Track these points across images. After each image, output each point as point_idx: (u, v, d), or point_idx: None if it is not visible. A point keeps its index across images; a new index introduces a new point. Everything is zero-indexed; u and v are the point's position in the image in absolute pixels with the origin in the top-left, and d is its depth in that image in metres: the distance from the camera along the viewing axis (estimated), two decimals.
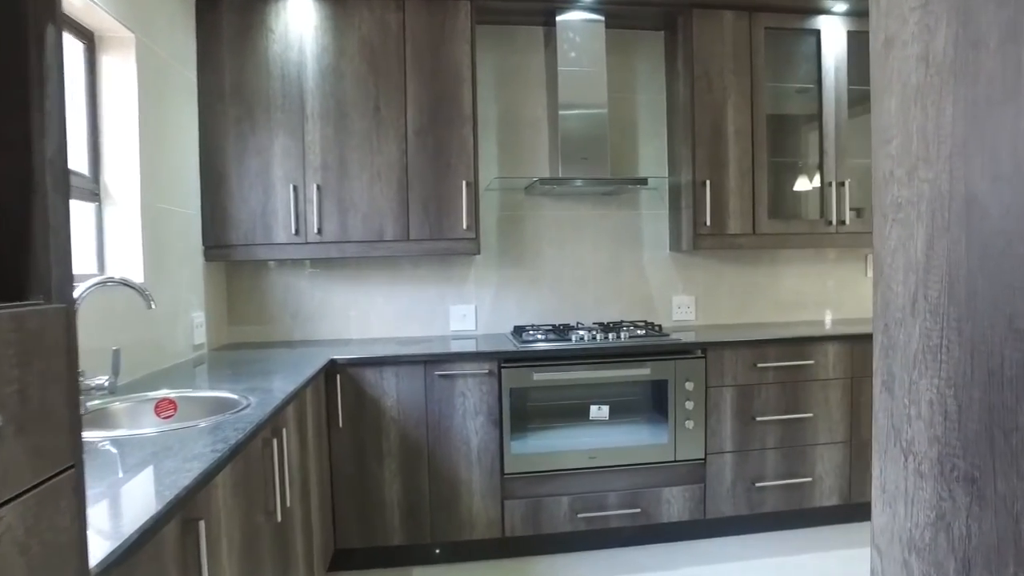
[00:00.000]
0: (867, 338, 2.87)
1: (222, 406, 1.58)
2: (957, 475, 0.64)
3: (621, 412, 2.65)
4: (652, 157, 3.21)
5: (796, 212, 3.16)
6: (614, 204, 3.18)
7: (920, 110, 0.67)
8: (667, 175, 3.19)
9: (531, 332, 2.80)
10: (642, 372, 2.62)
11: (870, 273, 3.50)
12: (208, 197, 2.64)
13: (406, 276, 3.06)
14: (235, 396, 1.64)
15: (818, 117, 3.05)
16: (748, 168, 2.96)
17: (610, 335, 2.70)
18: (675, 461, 2.68)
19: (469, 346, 2.69)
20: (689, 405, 2.67)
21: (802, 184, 3.16)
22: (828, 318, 3.44)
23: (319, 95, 2.67)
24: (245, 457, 1.32)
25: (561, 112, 2.85)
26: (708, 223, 2.92)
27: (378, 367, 2.48)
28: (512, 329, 3.07)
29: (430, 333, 3.07)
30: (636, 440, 2.64)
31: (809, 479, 2.81)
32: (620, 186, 2.89)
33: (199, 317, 2.58)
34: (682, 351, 2.68)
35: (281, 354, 2.56)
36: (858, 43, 3.07)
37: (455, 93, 2.72)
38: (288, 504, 1.60)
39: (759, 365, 2.75)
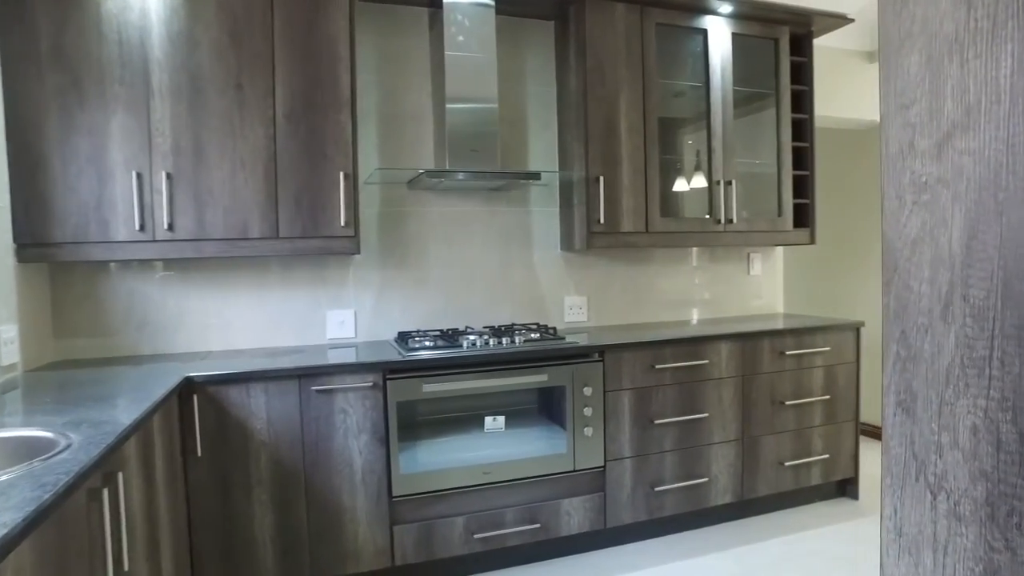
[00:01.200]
0: (757, 336, 2.91)
1: (29, 450, 1.22)
2: (1018, 521, 0.51)
3: (518, 422, 2.48)
4: (542, 152, 3.08)
5: (686, 211, 3.15)
6: (504, 200, 3.02)
7: (958, 65, 0.54)
8: (558, 170, 3.07)
9: (418, 339, 2.57)
10: (539, 379, 2.47)
11: (752, 271, 3.59)
12: (21, 185, 2.16)
13: (276, 279, 2.71)
14: (50, 434, 1.27)
15: (706, 116, 3.06)
16: (641, 165, 2.90)
17: (503, 340, 2.53)
18: (574, 471, 2.55)
19: (349, 356, 2.41)
20: (587, 411, 2.55)
21: (692, 182, 3.16)
22: (716, 316, 3.49)
23: (168, 67, 2.27)
24: (58, 521, 1.00)
25: (448, 101, 2.64)
26: (602, 221, 2.83)
27: (244, 384, 2.14)
28: (396, 336, 2.81)
29: (304, 342, 2.74)
30: (533, 451, 2.48)
31: (705, 479, 2.79)
32: (511, 181, 2.72)
33: (8, 331, 2.10)
34: (580, 355, 2.56)
35: (123, 373, 2.14)
36: (741, 46, 3.11)
37: (331, 74, 2.43)
38: (127, 568, 1.27)
39: (657, 367, 2.68)
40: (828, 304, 4.59)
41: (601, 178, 2.81)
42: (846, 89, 3.90)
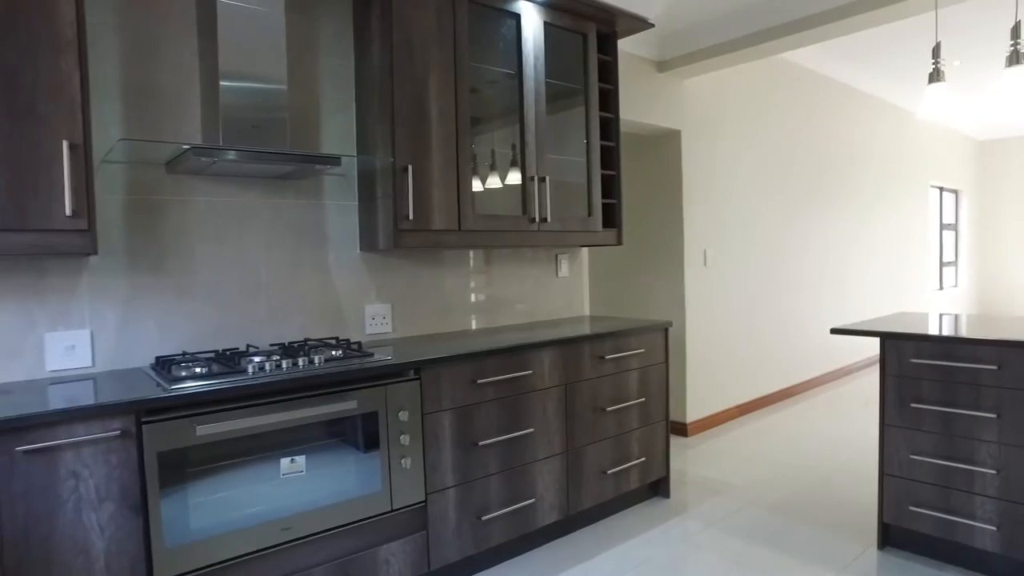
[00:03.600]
0: (578, 341, 2.76)
1: None
2: None
3: (322, 460, 2.01)
4: (338, 135, 2.62)
5: (499, 208, 2.91)
6: (292, 191, 2.51)
7: None
8: (358, 155, 2.64)
9: (185, 365, 1.98)
10: (346, 406, 2.03)
11: (561, 273, 3.48)
12: None
13: None
14: None
15: (519, 107, 2.85)
16: (453, 156, 2.60)
17: (299, 360, 2.05)
18: (392, 511, 2.15)
19: (83, 395, 1.75)
20: (405, 439, 2.17)
21: (506, 178, 2.93)
22: (528, 321, 3.30)
23: None
24: None
25: (222, 61, 2.08)
26: (411, 217, 2.46)
27: None
28: (154, 362, 2.17)
29: (8, 378, 1.98)
30: (343, 494, 2.04)
31: (532, 500, 2.57)
32: (303, 167, 2.23)
33: None
34: (393, 374, 2.17)
35: None
36: (554, 38, 2.96)
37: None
38: None
39: (479, 381, 2.39)
40: (623, 305, 4.71)
41: (410, 168, 2.45)
42: (639, 95, 3.99)
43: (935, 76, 2.71)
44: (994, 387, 2.33)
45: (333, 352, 2.21)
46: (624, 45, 3.89)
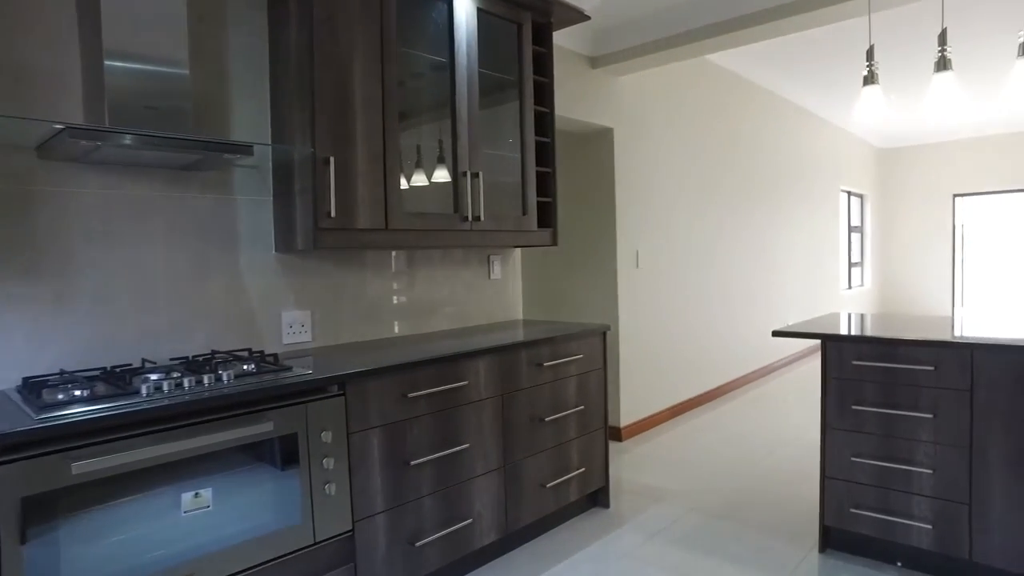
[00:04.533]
0: (515, 348, 2.59)
1: None
2: None
3: (233, 491, 1.75)
4: (249, 122, 2.35)
5: (429, 206, 2.71)
6: (198, 183, 2.22)
7: None
8: (272, 144, 2.37)
9: (62, 388, 1.67)
10: (261, 429, 1.78)
11: (493, 275, 3.30)
12: None
13: None
14: None
15: (451, 98, 2.65)
16: (379, 147, 2.37)
17: (205, 378, 1.78)
18: (315, 544, 1.91)
19: None
20: (328, 463, 1.93)
21: (435, 173, 2.73)
22: (460, 327, 3.11)
23: None
24: None
25: (107, 38, 1.78)
26: (333, 214, 2.22)
27: None
28: (20, 384, 1.84)
29: None
30: (258, 529, 1.78)
31: (469, 520, 2.38)
32: (209, 156, 1.95)
33: None
34: (315, 390, 1.93)
35: None
36: (487, 26, 2.78)
37: None
38: None
39: (410, 395, 2.18)
40: (555, 307, 4.59)
41: (332, 160, 2.21)
42: (572, 91, 3.87)
43: (869, 79, 2.72)
44: (931, 387, 2.33)
45: (245, 367, 1.94)
46: (558, 39, 3.76)
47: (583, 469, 2.92)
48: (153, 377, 1.75)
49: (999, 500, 2.23)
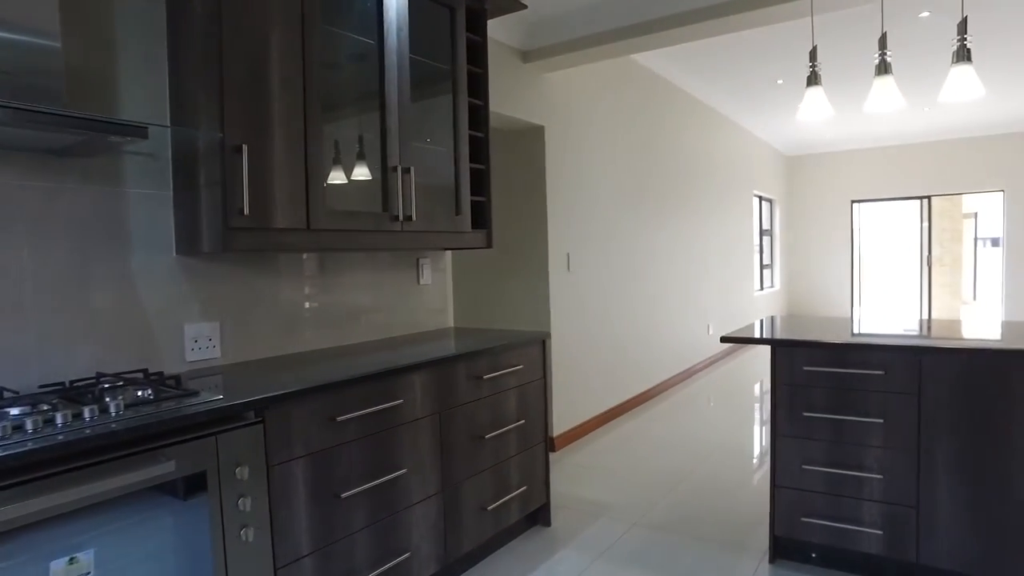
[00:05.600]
0: (453, 360, 2.36)
1: None
2: None
3: (123, 551, 1.43)
4: (141, 101, 2.00)
5: (355, 204, 2.43)
6: (77, 172, 1.85)
7: None
8: (170, 126, 2.03)
9: None
10: (159, 471, 1.46)
11: (423, 279, 3.05)
12: None
13: None
14: None
15: (379, 83, 2.39)
16: (300, 135, 2.08)
17: (86, 410, 1.44)
18: None
19: None
20: (245, 503, 1.64)
21: (361, 168, 2.46)
22: (387, 336, 2.84)
23: None
24: None
25: None
26: (247, 211, 1.92)
27: None
28: None
29: None
30: None
31: (407, 554, 2.13)
32: (92, 137, 1.61)
33: None
34: (226, 418, 1.63)
35: None
36: (419, 9, 2.54)
37: None
38: None
39: (339, 418, 1.91)
40: (485, 314, 4.38)
41: (245, 149, 1.91)
42: (504, 85, 3.68)
43: (812, 80, 2.68)
44: (881, 392, 2.29)
45: (139, 393, 1.62)
46: (490, 30, 3.55)
47: (524, 488, 2.73)
48: (13, 412, 1.41)
49: (945, 502, 2.21)
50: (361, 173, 2.45)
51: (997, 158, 8.85)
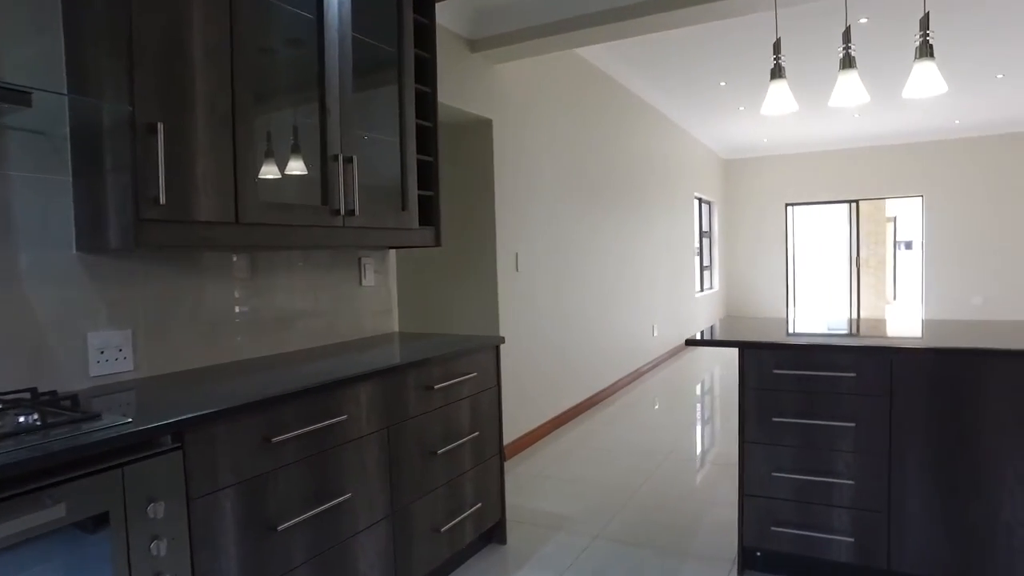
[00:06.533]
0: (403, 370, 2.14)
1: None
2: None
3: None
4: (28, 67, 1.69)
5: (290, 195, 2.18)
6: None
7: None
8: (67, 95, 1.73)
9: None
10: (45, 517, 1.19)
11: (366, 280, 2.81)
12: None
13: None
14: None
15: (318, 62, 2.15)
16: (227, 113, 1.82)
17: None
18: None
19: None
20: (159, 547, 1.37)
21: (297, 161, 2.20)
22: (327, 343, 2.58)
23: None
24: None
25: None
26: (163, 200, 1.65)
27: None
28: None
29: None
30: None
31: None
32: None
33: None
34: (136, 446, 1.36)
35: None
36: None
37: None
38: None
39: (274, 440, 1.66)
40: (430, 317, 4.15)
41: (161, 127, 1.63)
42: (450, 75, 3.47)
43: (776, 72, 2.59)
44: (852, 395, 2.21)
45: (22, 419, 1.33)
46: (437, 15, 3.34)
47: (479, 505, 2.52)
48: None
49: (915, 506, 2.15)
50: (298, 167, 2.20)
51: (918, 165, 9.25)
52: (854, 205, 10.09)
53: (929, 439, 2.12)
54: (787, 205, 10.09)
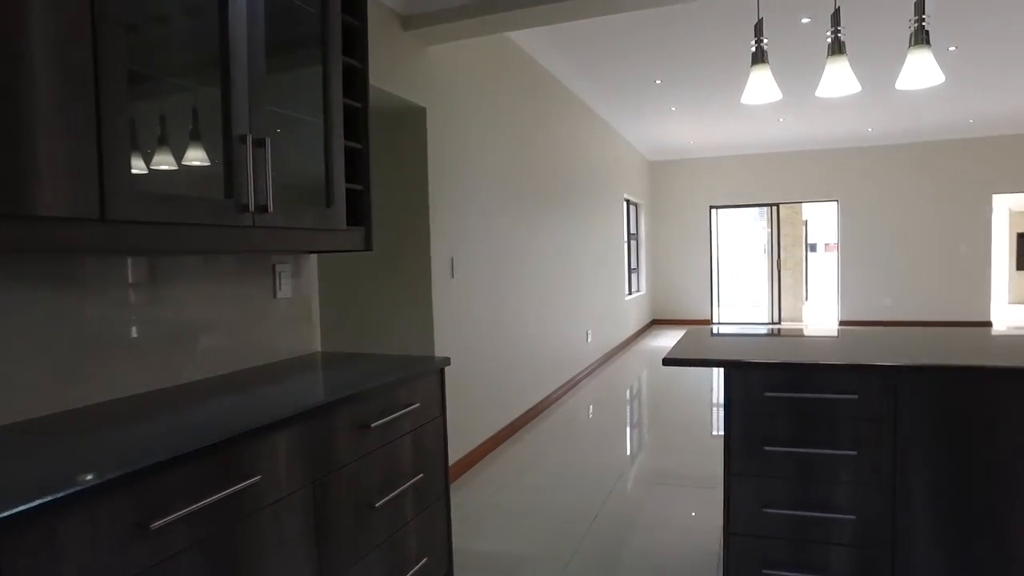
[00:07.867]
0: (331, 408, 1.70)
1: None
2: None
3: None
4: None
5: (184, 187, 1.70)
6: None
7: None
8: None
9: None
10: None
11: (281, 292, 2.34)
12: None
13: None
14: None
15: (219, 19, 1.68)
16: (88, 69, 1.33)
17: None
18: None
19: None
20: None
21: (194, 138, 1.72)
22: (232, 371, 2.09)
23: None
24: None
25: None
26: None
27: None
28: None
29: None
30: None
31: None
32: None
33: None
34: None
35: None
36: None
37: None
38: None
39: (153, 525, 1.19)
40: (354, 330, 3.67)
41: None
42: (381, 54, 3.03)
43: (759, 57, 2.32)
44: (853, 419, 1.96)
45: None
46: None
47: (425, 560, 2.11)
48: None
49: (921, 540, 1.92)
50: (198, 156, 1.72)
51: (834, 170, 9.50)
52: (774, 208, 10.27)
53: (939, 464, 1.89)
54: (711, 208, 10.16)
